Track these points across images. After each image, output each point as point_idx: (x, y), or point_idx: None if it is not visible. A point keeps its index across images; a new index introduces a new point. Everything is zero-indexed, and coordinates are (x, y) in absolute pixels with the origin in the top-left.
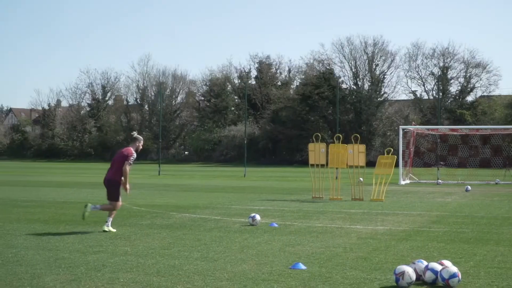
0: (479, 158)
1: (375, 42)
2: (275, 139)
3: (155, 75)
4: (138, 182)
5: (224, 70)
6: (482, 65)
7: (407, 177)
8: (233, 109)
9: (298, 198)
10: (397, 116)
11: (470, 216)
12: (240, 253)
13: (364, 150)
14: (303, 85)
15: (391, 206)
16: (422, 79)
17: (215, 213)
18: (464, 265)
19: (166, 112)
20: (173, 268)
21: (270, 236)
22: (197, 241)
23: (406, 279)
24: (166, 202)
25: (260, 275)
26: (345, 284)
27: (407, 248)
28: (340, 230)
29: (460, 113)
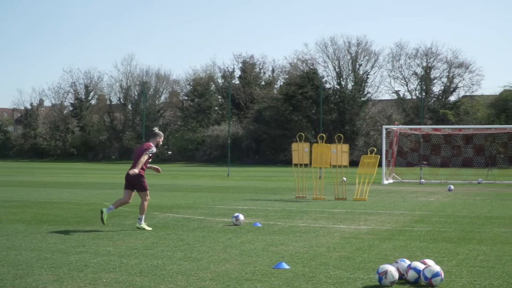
0: (461, 158)
1: (358, 42)
2: (258, 138)
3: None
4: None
5: (208, 69)
6: (465, 65)
7: (390, 176)
8: (217, 109)
9: (282, 197)
10: (380, 116)
11: (452, 215)
12: (224, 253)
13: (348, 150)
14: (287, 85)
15: (374, 206)
16: (405, 79)
17: (199, 213)
18: (447, 264)
19: (149, 112)
20: (156, 268)
21: (254, 235)
22: (180, 241)
23: (389, 278)
24: (150, 202)
25: (244, 275)
26: (328, 283)
27: (390, 247)
28: (323, 229)
29: (443, 113)
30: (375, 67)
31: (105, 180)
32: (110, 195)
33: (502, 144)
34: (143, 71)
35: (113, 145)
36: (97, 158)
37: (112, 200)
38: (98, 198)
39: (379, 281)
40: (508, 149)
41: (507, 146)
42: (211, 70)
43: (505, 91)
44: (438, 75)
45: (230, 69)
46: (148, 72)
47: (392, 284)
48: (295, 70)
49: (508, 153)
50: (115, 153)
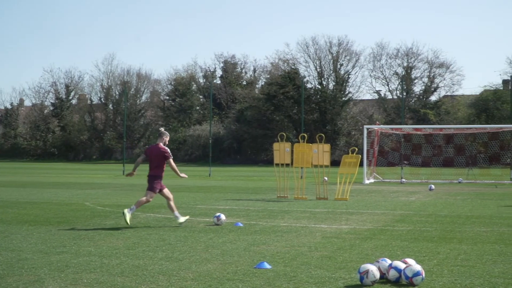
0: (442, 157)
1: (339, 42)
2: (240, 138)
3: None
4: (103, 182)
5: (189, 69)
6: (445, 65)
7: (371, 176)
8: (198, 109)
9: (263, 197)
10: (361, 116)
11: (433, 215)
12: (205, 252)
13: (329, 150)
14: (268, 85)
15: (355, 205)
16: (386, 79)
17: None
18: (428, 263)
19: (130, 112)
20: (138, 268)
21: (235, 235)
22: (161, 241)
23: (370, 277)
24: (131, 202)
25: (225, 275)
26: (310, 283)
27: (371, 247)
28: (304, 229)
29: (424, 113)
30: (356, 67)
31: (86, 180)
32: (91, 195)
33: (483, 144)
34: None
35: (94, 145)
36: (78, 158)
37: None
38: (79, 198)
39: (360, 281)
40: (488, 149)
41: (487, 145)
42: (193, 69)
43: (485, 91)
44: (419, 75)
45: (212, 68)
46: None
47: (374, 284)
48: (276, 70)
49: (488, 152)
50: (96, 153)
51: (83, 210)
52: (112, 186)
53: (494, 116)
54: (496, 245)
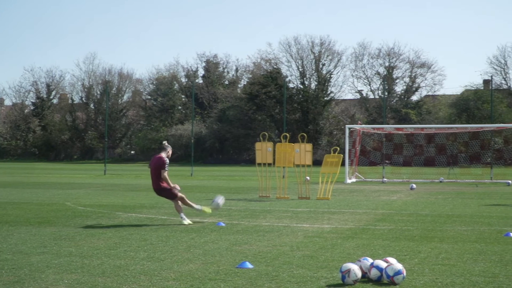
0: (423, 157)
1: (322, 42)
2: (222, 138)
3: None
4: (84, 182)
5: (171, 69)
6: (427, 65)
7: (353, 175)
8: (180, 108)
9: (245, 197)
10: (343, 115)
11: (414, 214)
12: (187, 252)
13: (311, 149)
14: (251, 84)
15: (337, 205)
16: (368, 79)
17: (162, 212)
18: (409, 262)
19: (112, 111)
20: (119, 269)
21: (217, 235)
22: (143, 241)
23: (352, 276)
24: (112, 202)
25: (207, 275)
26: (292, 282)
27: (353, 246)
28: (286, 228)
29: (405, 112)
30: (338, 66)
31: (67, 180)
32: (72, 195)
33: (463, 143)
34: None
35: (75, 144)
36: (59, 157)
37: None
38: (60, 198)
39: (342, 280)
40: (469, 148)
41: (468, 145)
42: (175, 69)
43: (466, 91)
44: (401, 75)
45: (194, 68)
46: (110, 71)
47: (355, 283)
48: (258, 69)
49: (469, 152)
50: (77, 153)
51: (64, 210)
52: (93, 186)
53: (475, 116)
54: (476, 244)
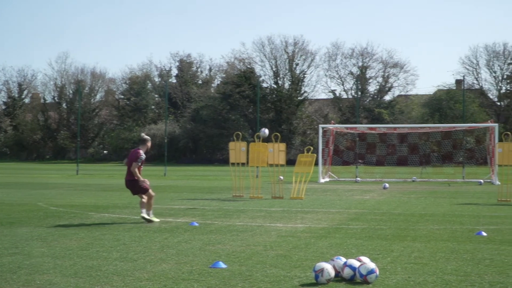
0: (396, 156)
1: (295, 42)
2: (195, 138)
3: (74, 73)
4: (56, 182)
5: (144, 68)
6: (399, 65)
7: (326, 175)
8: (154, 108)
9: (219, 196)
10: (316, 115)
11: (387, 213)
12: (160, 252)
13: (284, 149)
14: (224, 84)
15: (310, 204)
16: (341, 79)
17: (135, 212)
18: (382, 261)
19: (84, 111)
20: (91, 269)
21: (190, 235)
22: (116, 241)
23: (325, 275)
24: (85, 202)
25: (180, 275)
26: (265, 282)
27: (326, 245)
28: (260, 228)
29: (378, 112)
30: (311, 66)
31: (39, 180)
32: (44, 195)
33: (436, 143)
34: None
35: (47, 144)
36: (31, 157)
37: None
38: (32, 198)
39: (315, 279)
40: (441, 148)
41: (440, 144)
42: (148, 68)
43: (439, 91)
44: (374, 74)
45: (167, 67)
46: (83, 70)
47: (329, 282)
48: (232, 69)
49: (441, 151)
50: (49, 153)
51: (36, 211)
52: (65, 186)
53: (447, 116)
54: (449, 242)
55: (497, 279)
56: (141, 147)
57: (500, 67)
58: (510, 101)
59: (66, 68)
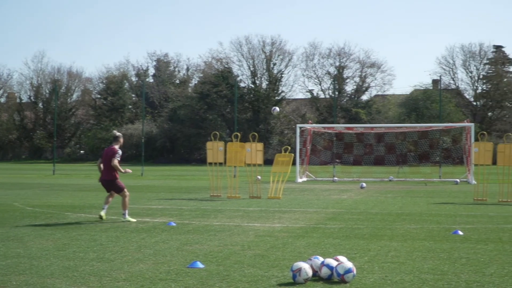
0: (373, 156)
1: (273, 42)
2: (173, 137)
3: (50, 72)
4: (32, 182)
5: (121, 67)
6: (376, 65)
7: (304, 175)
8: (131, 107)
9: (196, 196)
10: (294, 115)
11: (364, 212)
12: (137, 252)
13: (262, 149)
14: (202, 84)
15: (288, 204)
16: (318, 78)
17: (112, 212)
18: (359, 260)
19: (61, 110)
20: (68, 270)
21: (168, 235)
22: (93, 242)
23: (303, 275)
24: (61, 202)
25: (158, 275)
26: (243, 281)
27: (304, 245)
28: (238, 228)
29: (356, 112)
30: (289, 66)
31: (15, 180)
32: (20, 196)
33: (413, 143)
34: (55, 68)
35: (23, 144)
36: (7, 157)
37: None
38: (8, 198)
39: (293, 279)
40: (418, 147)
41: (417, 144)
42: (125, 68)
43: (415, 91)
44: (351, 74)
45: (144, 67)
46: (59, 69)
47: (306, 281)
48: (209, 68)
49: (418, 151)
50: (25, 153)
51: (12, 211)
52: (42, 186)
53: (424, 115)
54: (425, 241)
55: (473, 277)
56: (114, 144)
57: (476, 67)
58: (486, 101)
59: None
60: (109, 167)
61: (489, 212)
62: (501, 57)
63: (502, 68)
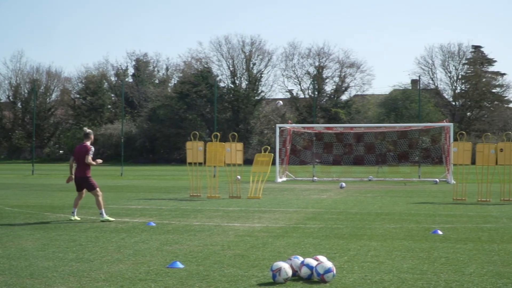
0: (353, 156)
1: (252, 41)
2: (152, 137)
3: (29, 72)
4: (11, 182)
5: (101, 67)
6: (356, 65)
7: (283, 174)
8: (110, 107)
9: (176, 196)
10: (274, 115)
11: (344, 212)
12: (117, 253)
13: (242, 148)
14: (181, 83)
15: (268, 204)
16: (298, 78)
17: (91, 213)
18: (339, 260)
19: (40, 110)
20: (47, 270)
21: (148, 235)
22: (72, 242)
23: (283, 275)
24: (41, 202)
25: (137, 275)
26: (223, 281)
27: (284, 244)
28: (217, 228)
29: (335, 112)
30: (268, 66)
31: None
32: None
33: (392, 142)
34: (34, 68)
35: (2, 144)
36: None
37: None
38: None
39: (273, 278)
40: (397, 147)
41: (396, 144)
42: (104, 67)
43: (395, 91)
44: (330, 74)
45: (124, 67)
46: (38, 69)
47: (286, 281)
48: (189, 68)
49: (397, 151)
50: (4, 153)
51: None
52: (20, 186)
53: (403, 115)
54: (405, 241)
55: (452, 277)
56: (85, 140)
57: (455, 67)
58: (465, 101)
59: (21, 67)
60: (82, 165)
61: (468, 212)
62: (480, 57)
63: (481, 68)
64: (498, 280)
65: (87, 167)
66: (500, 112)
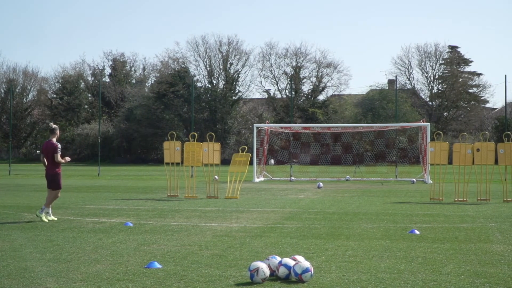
0: (330, 156)
1: (229, 41)
2: (129, 137)
3: (5, 72)
4: None
5: (77, 67)
6: (333, 65)
7: (261, 174)
8: (87, 107)
9: (153, 196)
10: (251, 115)
11: (322, 212)
12: (94, 253)
13: (219, 148)
14: (158, 83)
15: (245, 204)
16: (275, 78)
17: (68, 213)
18: (316, 260)
19: (16, 110)
20: (25, 271)
21: (125, 235)
22: (49, 242)
23: (261, 275)
24: (18, 202)
25: (115, 275)
26: (201, 281)
27: (261, 244)
28: (195, 228)
29: (312, 112)
30: (246, 66)
31: None
32: None
33: (369, 142)
34: (10, 68)
35: None
36: None
37: None
38: None
39: (250, 278)
40: (374, 147)
41: (373, 144)
42: (81, 67)
43: (372, 91)
44: (307, 74)
45: (100, 66)
46: (15, 69)
47: (264, 281)
48: (166, 68)
49: (374, 150)
50: None
51: None
52: None
53: (380, 115)
54: (382, 241)
55: (430, 276)
56: (51, 137)
57: (432, 67)
58: (441, 101)
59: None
60: (52, 162)
61: (445, 212)
62: (456, 58)
63: (457, 68)
64: (475, 279)
65: (57, 164)
66: (476, 112)
